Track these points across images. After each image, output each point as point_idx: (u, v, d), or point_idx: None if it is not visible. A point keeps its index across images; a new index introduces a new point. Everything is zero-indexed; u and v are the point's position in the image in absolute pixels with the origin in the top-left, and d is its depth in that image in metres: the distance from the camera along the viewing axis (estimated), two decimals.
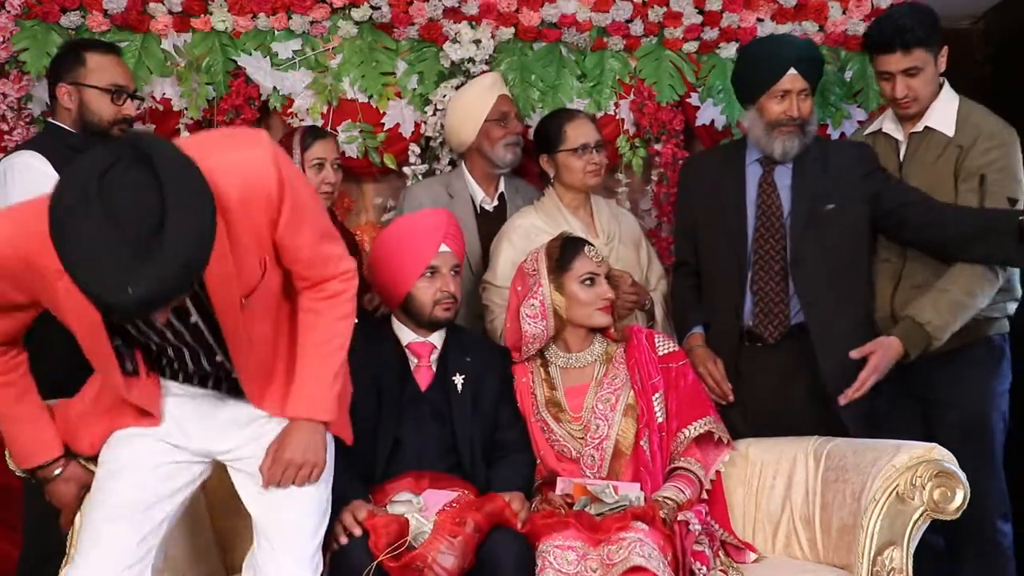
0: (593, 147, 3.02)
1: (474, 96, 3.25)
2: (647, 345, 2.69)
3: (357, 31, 3.42)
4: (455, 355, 2.62)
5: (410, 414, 2.53)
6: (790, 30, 3.54)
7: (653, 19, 3.52)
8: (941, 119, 2.82)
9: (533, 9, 3.45)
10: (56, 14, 3.26)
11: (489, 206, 3.24)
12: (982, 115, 2.85)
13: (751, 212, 2.86)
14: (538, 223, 3.02)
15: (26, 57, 3.22)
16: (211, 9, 3.35)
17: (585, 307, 2.64)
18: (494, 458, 2.57)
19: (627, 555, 2.17)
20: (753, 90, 2.86)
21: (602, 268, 2.68)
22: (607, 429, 2.59)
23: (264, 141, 1.84)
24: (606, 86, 3.53)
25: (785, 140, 2.80)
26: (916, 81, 2.79)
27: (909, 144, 2.88)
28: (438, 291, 2.56)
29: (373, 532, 2.18)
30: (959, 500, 2.35)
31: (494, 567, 2.20)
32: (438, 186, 3.25)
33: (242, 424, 2.08)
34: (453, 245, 2.62)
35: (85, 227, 1.53)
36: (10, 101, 3.23)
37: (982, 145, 2.75)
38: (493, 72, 3.37)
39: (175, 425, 2.07)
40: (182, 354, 2.01)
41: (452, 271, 2.60)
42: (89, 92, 2.77)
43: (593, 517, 2.33)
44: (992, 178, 2.71)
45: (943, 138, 2.81)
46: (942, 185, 2.78)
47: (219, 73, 3.34)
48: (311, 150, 2.96)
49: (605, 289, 2.65)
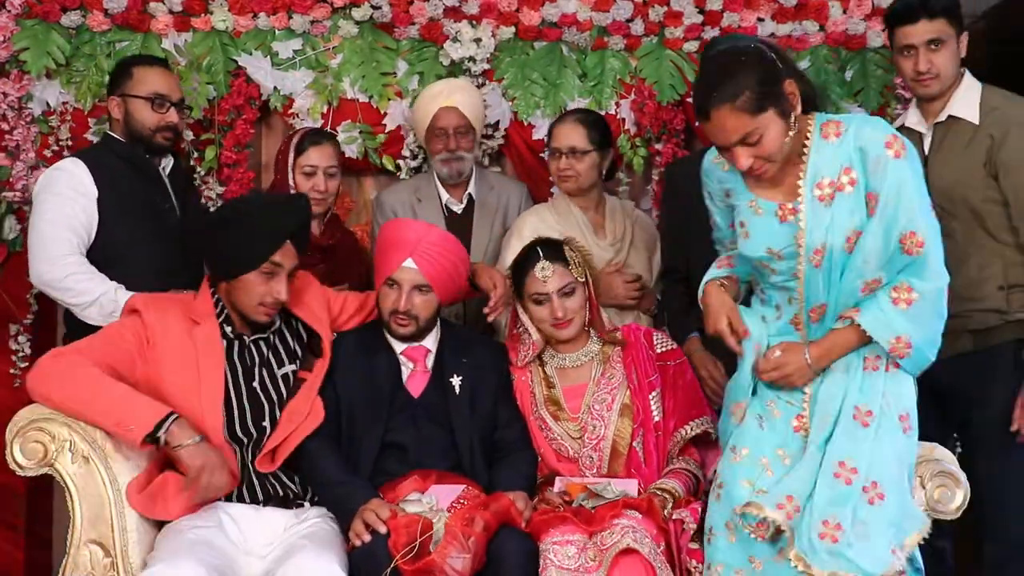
0: (565, 152, 3.01)
1: (419, 105, 3.24)
2: (645, 343, 2.68)
3: (358, 31, 3.43)
4: (451, 356, 2.61)
5: (405, 419, 2.52)
6: (790, 30, 3.54)
7: (654, 19, 3.51)
8: (964, 107, 2.75)
9: (534, 8, 3.46)
10: (57, 14, 3.27)
11: (457, 208, 3.22)
12: (1008, 101, 2.79)
13: None
14: (549, 220, 3.04)
15: (26, 56, 3.26)
16: (211, 9, 3.37)
17: (541, 323, 2.62)
18: (496, 458, 2.56)
19: (619, 538, 2.20)
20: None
21: (550, 285, 2.58)
22: (604, 429, 2.58)
23: None
24: (607, 86, 3.53)
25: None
26: (939, 56, 2.73)
27: (934, 136, 2.81)
28: (392, 304, 2.54)
29: (394, 532, 2.19)
30: (959, 500, 2.34)
31: (501, 566, 2.20)
32: (406, 191, 3.25)
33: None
34: (423, 264, 2.54)
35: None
36: (10, 100, 3.25)
37: (1017, 136, 2.67)
38: (450, 80, 3.32)
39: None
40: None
41: (415, 288, 2.53)
42: (133, 102, 2.85)
43: (590, 511, 2.35)
44: None
45: (969, 127, 2.74)
46: (971, 176, 2.71)
47: (220, 73, 3.36)
48: (304, 156, 2.95)
49: (557, 307, 2.57)
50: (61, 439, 2.25)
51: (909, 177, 2.12)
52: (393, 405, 2.52)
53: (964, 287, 2.63)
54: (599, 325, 2.68)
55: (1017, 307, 2.71)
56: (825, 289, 2.19)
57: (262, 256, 2.39)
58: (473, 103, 3.22)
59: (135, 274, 2.74)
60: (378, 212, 3.24)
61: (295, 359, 2.53)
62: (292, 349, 2.54)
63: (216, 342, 2.42)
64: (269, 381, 2.46)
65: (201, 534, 2.19)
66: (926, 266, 2.13)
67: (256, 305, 2.41)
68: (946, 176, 2.74)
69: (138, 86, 2.85)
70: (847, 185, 2.13)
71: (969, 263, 2.71)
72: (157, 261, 2.79)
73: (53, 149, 3.26)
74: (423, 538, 2.17)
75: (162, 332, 2.39)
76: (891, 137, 2.12)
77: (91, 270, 2.71)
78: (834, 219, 2.13)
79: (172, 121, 2.87)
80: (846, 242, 2.14)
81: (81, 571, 2.23)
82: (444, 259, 2.59)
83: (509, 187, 3.33)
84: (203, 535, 2.19)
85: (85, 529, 2.25)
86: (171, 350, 2.38)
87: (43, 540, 3.32)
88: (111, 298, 2.67)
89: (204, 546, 2.14)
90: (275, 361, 2.49)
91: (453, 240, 2.68)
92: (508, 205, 3.26)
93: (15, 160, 3.24)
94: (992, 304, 2.71)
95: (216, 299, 2.48)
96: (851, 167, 2.13)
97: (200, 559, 2.08)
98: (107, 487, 2.26)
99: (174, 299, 2.49)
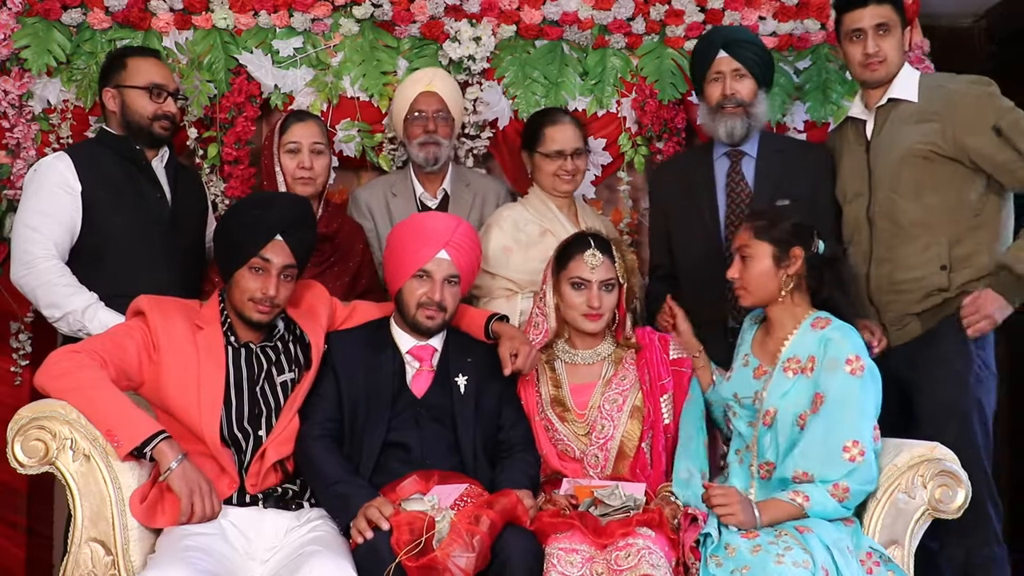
0: (569, 154, 3.02)
1: (400, 91, 3.25)
2: (659, 347, 2.68)
3: (358, 29, 3.43)
4: (456, 356, 2.61)
5: (408, 419, 2.52)
6: (791, 28, 3.56)
7: (655, 17, 3.53)
8: (904, 89, 2.86)
9: (534, 7, 3.47)
10: (57, 11, 3.28)
11: (431, 203, 3.21)
12: (947, 79, 2.91)
13: (722, 200, 2.99)
14: (527, 215, 3.07)
15: (27, 54, 3.27)
16: (212, 7, 3.38)
17: (571, 310, 2.63)
18: (499, 458, 2.57)
19: (636, 563, 2.18)
20: (697, 80, 3.06)
21: (596, 275, 2.60)
22: (612, 430, 2.58)
23: None
24: (608, 84, 3.53)
25: (727, 120, 2.95)
26: (886, 42, 2.83)
27: (876, 120, 2.90)
28: (424, 295, 2.54)
29: (397, 529, 2.20)
30: (960, 499, 2.37)
31: (506, 565, 2.20)
32: (380, 187, 3.26)
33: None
34: (455, 256, 2.57)
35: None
36: (11, 98, 3.26)
37: (966, 106, 2.75)
38: (431, 68, 3.33)
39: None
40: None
41: (447, 280, 2.56)
42: (129, 92, 2.86)
43: (597, 520, 2.33)
44: (1005, 123, 2.72)
45: (910, 105, 2.84)
46: (915, 153, 2.78)
47: (220, 71, 3.37)
48: (287, 133, 2.97)
49: (594, 297, 2.59)
50: (62, 437, 2.25)
51: (858, 393, 2.36)
52: (396, 404, 2.53)
53: (904, 269, 2.79)
54: (620, 330, 2.69)
55: (958, 283, 2.76)
56: (772, 450, 2.44)
57: (250, 251, 2.42)
58: (452, 91, 3.24)
59: (127, 263, 2.78)
60: (353, 209, 3.25)
61: (295, 367, 2.54)
62: (294, 357, 2.55)
63: (218, 347, 2.44)
64: (268, 388, 2.48)
65: (200, 540, 2.19)
66: (864, 472, 2.33)
67: (247, 301, 2.43)
68: (892, 156, 2.83)
69: (134, 76, 2.86)
70: (809, 371, 2.42)
71: (914, 244, 2.80)
72: (148, 250, 2.83)
73: (54, 147, 3.26)
74: (427, 535, 2.17)
75: (166, 335, 2.40)
76: (855, 356, 2.38)
77: (67, 281, 2.73)
78: (790, 392, 2.42)
79: (170, 111, 2.88)
80: (798, 419, 2.40)
81: (82, 569, 2.24)
82: (472, 252, 2.65)
83: (486, 184, 3.34)
84: (201, 541, 2.19)
85: (86, 527, 2.26)
86: (174, 353, 2.40)
87: (44, 538, 3.33)
88: (77, 318, 2.70)
89: (201, 552, 2.14)
90: (276, 369, 2.51)
91: (476, 233, 2.74)
92: (485, 201, 3.26)
93: (16, 158, 3.26)
94: (935, 283, 2.78)
95: (222, 308, 2.51)
96: (815, 357, 2.41)
97: (194, 566, 2.08)
98: (108, 485, 2.26)
99: (179, 304, 2.51)
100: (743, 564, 2.17)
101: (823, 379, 2.38)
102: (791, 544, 2.20)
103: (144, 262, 2.79)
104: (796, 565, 2.13)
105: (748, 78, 2.95)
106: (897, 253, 2.80)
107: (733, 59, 2.95)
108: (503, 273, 3.01)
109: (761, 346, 2.57)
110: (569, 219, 3.07)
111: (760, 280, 2.49)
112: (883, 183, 2.83)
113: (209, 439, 2.35)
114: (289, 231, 2.46)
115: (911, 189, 2.79)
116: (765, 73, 3.01)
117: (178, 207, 2.93)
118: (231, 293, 2.47)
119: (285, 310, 2.55)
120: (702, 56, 3.01)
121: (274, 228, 2.44)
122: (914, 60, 3.46)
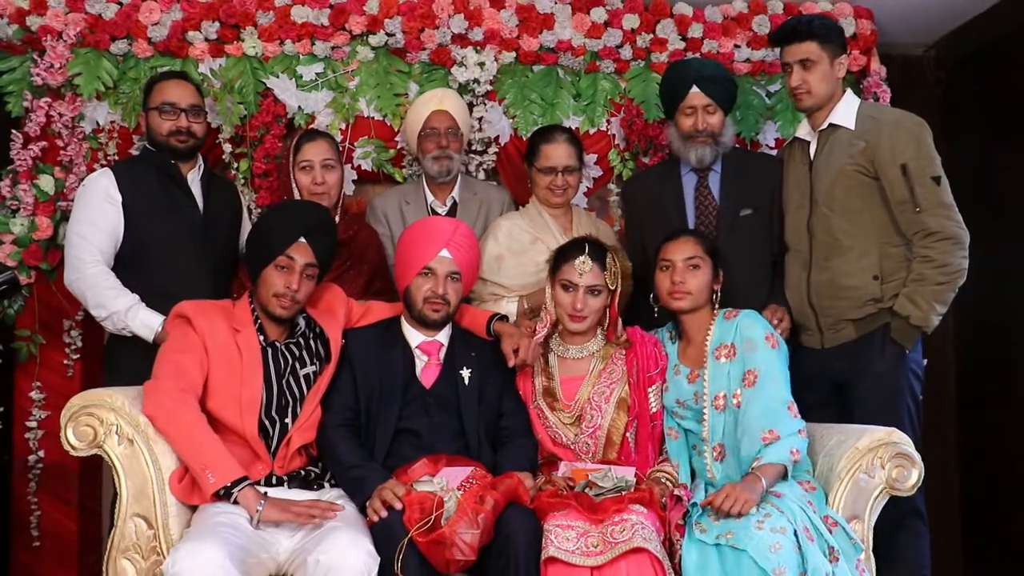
0: (560, 171, 3.02)
1: (413, 110, 3.26)
2: (650, 342, 2.69)
3: (374, 56, 3.44)
4: (461, 351, 2.62)
5: (418, 408, 2.52)
6: (764, 55, 3.56)
7: (641, 45, 3.54)
8: (843, 116, 2.84)
9: (532, 35, 3.47)
10: (106, 42, 3.30)
11: (441, 210, 3.22)
12: (881, 111, 2.91)
13: (691, 213, 2.98)
14: (521, 224, 3.06)
15: (79, 80, 3.29)
16: (243, 36, 3.39)
17: (560, 308, 2.64)
18: (500, 443, 2.57)
19: (630, 536, 2.19)
20: (668, 108, 3.04)
21: (583, 280, 2.58)
22: (600, 419, 2.59)
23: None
24: (599, 105, 3.54)
25: (698, 149, 2.94)
26: (811, 75, 2.82)
27: (818, 142, 2.89)
28: (429, 290, 2.56)
29: (408, 508, 2.21)
30: (914, 478, 2.39)
31: (508, 540, 2.21)
32: (395, 196, 3.26)
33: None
34: (456, 253, 2.59)
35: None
36: (65, 120, 3.27)
37: (889, 136, 2.74)
38: (442, 88, 3.34)
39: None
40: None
41: (449, 276, 2.57)
42: (150, 114, 2.92)
43: (592, 499, 2.34)
44: (913, 165, 2.71)
45: (847, 132, 2.82)
46: (848, 176, 2.77)
47: (250, 93, 3.38)
48: (300, 152, 2.97)
49: (579, 299, 2.58)
50: (109, 423, 2.28)
51: (781, 362, 2.52)
52: (407, 394, 2.53)
53: (843, 276, 2.77)
54: (612, 330, 2.68)
55: (890, 295, 2.74)
56: (722, 431, 2.52)
57: (277, 250, 2.46)
58: (461, 109, 3.26)
59: (163, 266, 2.80)
60: (370, 216, 3.25)
61: (316, 360, 2.57)
62: (315, 351, 2.58)
63: (256, 349, 2.46)
64: (293, 380, 2.49)
65: (231, 518, 2.20)
66: (801, 422, 2.46)
67: (271, 297, 2.46)
68: (828, 176, 2.82)
69: (152, 99, 2.91)
70: (733, 355, 2.54)
71: (848, 255, 2.78)
72: (182, 254, 2.84)
73: (101, 163, 3.27)
74: (436, 513, 2.19)
75: (212, 339, 2.43)
76: (769, 334, 2.54)
77: (112, 284, 2.75)
78: (729, 374, 2.53)
79: (182, 126, 2.88)
80: (733, 397, 2.51)
81: (127, 541, 2.26)
82: (471, 250, 2.67)
83: (491, 192, 3.34)
84: (231, 519, 2.19)
85: (131, 504, 2.28)
86: (219, 355, 2.42)
87: (94, 514, 3.34)
88: (121, 318, 2.72)
89: (230, 528, 2.15)
90: (299, 363, 2.52)
91: (475, 234, 2.75)
92: (490, 209, 3.26)
93: (68, 173, 3.27)
94: (870, 293, 2.76)
95: (253, 309, 2.53)
96: (734, 344, 2.54)
97: (225, 540, 2.08)
98: (150, 467, 2.29)
99: (218, 307, 2.53)
100: (727, 530, 2.19)
101: (748, 358, 2.50)
102: (770, 511, 2.21)
103: (179, 265, 2.81)
104: (774, 531, 2.15)
105: (718, 112, 2.93)
106: (833, 263, 2.79)
107: (704, 95, 2.91)
108: (492, 279, 3.01)
109: (685, 355, 2.65)
110: (561, 228, 3.05)
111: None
112: (820, 200, 2.82)
113: (249, 432, 2.37)
114: (311, 234, 2.50)
115: (842, 207, 2.79)
116: (732, 103, 3.01)
117: (210, 215, 2.94)
118: (258, 292, 2.49)
119: (305, 309, 2.57)
120: (674, 89, 2.97)
121: (298, 230, 2.48)
122: (872, 85, 3.46)
